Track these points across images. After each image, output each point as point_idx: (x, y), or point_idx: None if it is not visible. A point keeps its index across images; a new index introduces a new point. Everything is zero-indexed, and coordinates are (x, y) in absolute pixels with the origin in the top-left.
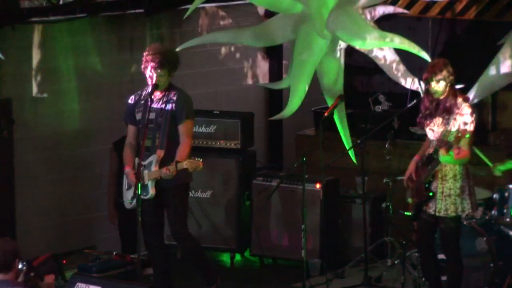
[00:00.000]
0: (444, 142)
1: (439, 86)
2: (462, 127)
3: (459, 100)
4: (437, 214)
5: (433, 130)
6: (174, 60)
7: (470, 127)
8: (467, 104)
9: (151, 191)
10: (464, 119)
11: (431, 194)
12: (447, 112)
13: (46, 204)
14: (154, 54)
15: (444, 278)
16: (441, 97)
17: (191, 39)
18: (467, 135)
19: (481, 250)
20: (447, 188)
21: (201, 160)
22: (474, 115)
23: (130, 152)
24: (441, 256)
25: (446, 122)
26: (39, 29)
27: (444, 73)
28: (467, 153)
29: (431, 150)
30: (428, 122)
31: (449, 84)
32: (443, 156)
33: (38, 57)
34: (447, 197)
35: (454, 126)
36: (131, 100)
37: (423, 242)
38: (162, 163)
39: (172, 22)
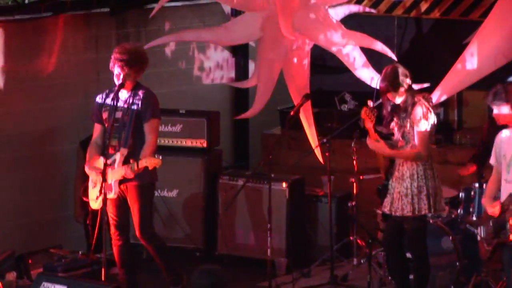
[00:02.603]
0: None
1: (397, 94)
2: (415, 127)
3: (416, 99)
4: (393, 213)
5: (394, 131)
6: (142, 59)
7: (421, 127)
8: (422, 103)
9: (115, 190)
10: (416, 118)
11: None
12: (403, 111)
13: (11, 204)
14: (122, 52)
15: (411, 277)
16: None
17: (157, 38)
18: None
19: (447, 249)
20: (404, 187)
21: (160, 157)
22: (429, 115)
23: (93, 150)
24: (408, 255)
25: (402, 122)
26: (4, 28)
27: (400, 79)
28: (419, 151)
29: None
30: (392, 124)
31: (405, 87)
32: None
33: (3, 56)
34: (404, 196)
35: (408, 125)
36: (98, 99)
37: (389, 241)
38: (126, 162)
39: (138, 21)
